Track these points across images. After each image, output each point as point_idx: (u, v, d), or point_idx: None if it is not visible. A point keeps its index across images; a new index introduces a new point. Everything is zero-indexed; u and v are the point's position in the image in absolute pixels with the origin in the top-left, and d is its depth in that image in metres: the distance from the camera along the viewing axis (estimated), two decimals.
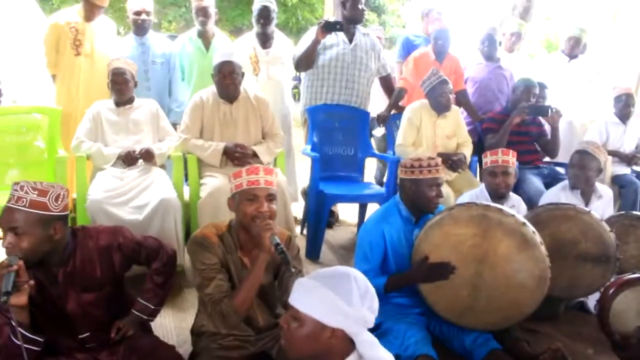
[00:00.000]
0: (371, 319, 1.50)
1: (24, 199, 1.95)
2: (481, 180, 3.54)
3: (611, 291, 2.42)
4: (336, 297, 1.45)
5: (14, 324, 1.88)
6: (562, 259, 2.89)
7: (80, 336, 2.19)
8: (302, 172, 4.68)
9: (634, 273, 2.51)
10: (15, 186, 1.97)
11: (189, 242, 2.27)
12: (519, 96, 4.35)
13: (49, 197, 1.99)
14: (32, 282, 1.93)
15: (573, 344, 2.88)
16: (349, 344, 1.49)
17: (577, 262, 2.95)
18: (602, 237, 2.92)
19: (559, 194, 3.52)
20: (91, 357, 2.22)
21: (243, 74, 3.73)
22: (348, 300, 1.45)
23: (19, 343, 1.87)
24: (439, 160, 2.78)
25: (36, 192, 1.97)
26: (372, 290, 1.52)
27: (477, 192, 3.36)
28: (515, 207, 3.28)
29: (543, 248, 2.51)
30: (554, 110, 4.26)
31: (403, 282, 2.68)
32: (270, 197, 2.19)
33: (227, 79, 3.61)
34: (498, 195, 3.26)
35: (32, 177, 3.43)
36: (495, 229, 2.52)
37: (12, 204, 1.96)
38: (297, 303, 1.48)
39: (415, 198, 2.73)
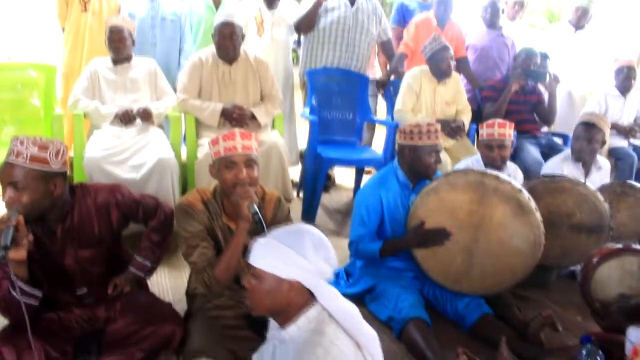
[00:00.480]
0: (328, 270, 1.53)
1: (25, 154, 1.94)
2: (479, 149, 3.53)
3: (594, 261, 2.43)
4: (290, 250, 1.49)
5: (12, 278, 1.89)
6: (556, 230, 2.92)
7: (78, 292, 2.22)
8: (302, 136, 4.65)
9: (620, 243, 2.53)
10: (15, 141, 1.95)
11: (176, 209, 2.27)
12: (520, 65, 4.32)
13: (50, 153, 1.98)
14: (31, 237, 1.93)
15: (563, 311, 2.93)
16: (310, 297, 1.54)
17: (572, 233, 2.97)
18: (597, 208, 2.94)
19: (561, 165, 3.52)
20: (89, 312, 2.26)
21: (244, 36, 3.68)
22: (302, 253, 1.49)
23: (17, 297, 1.88)
24: (439, 126, 2.77)
25: (37, 147, 1.96)
26: (327, 242, 1.55)
27: (474, 161, 3.34)
28: (512, 175, 3.29)
29: (538, 215, 2.53)
30: (552, 76, 4.23)
31: (398, 247, 2.70)
32: (250, 163, 2.15)
33: (226, 41, 3.56)
34: (494, 168, 3.25)
35: (28, 134, 3.40)
36: (491, 195, 2.54)
37: (13, 159, 1.94)
38: (255, 261, 1.52)
39: (414, 164, 2.74)
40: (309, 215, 4.00)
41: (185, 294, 2.47)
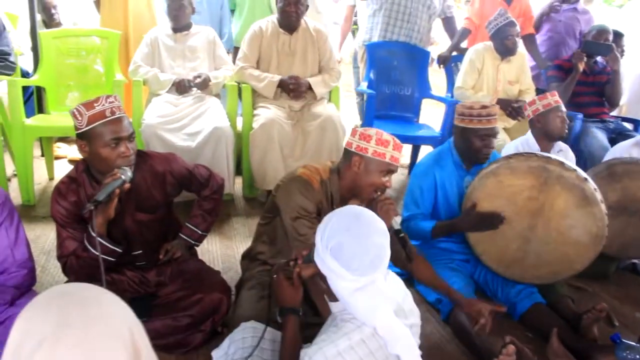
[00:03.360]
0: (336, 268, 1.38)
1: (121, 107, 2.04)
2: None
3: None
4: (319, 230, 1.44)
5: (92, 233, 1.94)
6: (627, 217, 2.78)
7: (134, 252, 2.27)
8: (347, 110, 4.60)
9: None
10: (110, 98, 2.00)
11: (291, 180, 2.19)
12: (589, 41, 4.09)
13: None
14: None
15: (620, 305, 2.82)
16: None
17: None
18: None
19: (629, 150, 3.29)
20: (140, 275, 2.31)
21: (307, 6, 3.63)
22: (321, 236, 1.42)
23: (93, 255, 1.94)
24: (496, 109, 2.64)
25: (119, 101, 2.05)
26: (346, 242, 1.38)
27: (523, 142, 3.17)
28: (563, 152, 3.15)
29: (603, 206, 2.40)
30: (617, 49, 3.95)
31: (451, 229, 2.63)
32: (390, 173, 2.12)
33: (290, 7, 3.53)
34: (556, 138, 3.12)
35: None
36: (554, 182, 2.42)
37: (121, 113, 2.02)
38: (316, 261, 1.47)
39: (465, 146, 2.65)
40: None
41: (242, 256, 2.46)
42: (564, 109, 3.07)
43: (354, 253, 1.37)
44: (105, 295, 0.92)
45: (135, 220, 2.22)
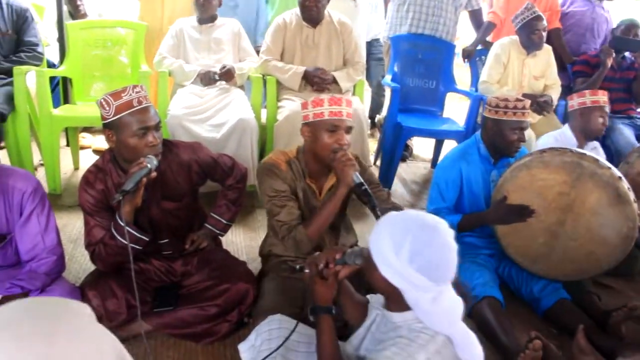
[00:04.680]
0: (421, 282, 1.33)
1: (148, 98, 2.06)
2: (566, 122, 3.33)
3: None
4: (388, 239, 1.36)
5: (120, 222, 1.97)
6: None
7: (160, 241, 2.29)
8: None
9: None
10: (136, 88, 2.02)
11: (259, 168, 2.28)
12: (619, 37, 4.04)
13: None
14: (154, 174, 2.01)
15: None
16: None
17: None
18: None
19: None
20: (167, 264, 2.34)
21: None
22: (396, 249, 1.34)
23: (125, 242, 1.96)
24: (528, 103, 2.64)
25: (145, 91, 2.06)
26: (432, 255, 1.34)
27: (559, 136, 3.16)
28: (596, 149, 3.13)
29: (636, 206, 2.37)
30: None
31: (479, 221, 2.62)
32: (349, 130, 2.14)
33: (310, 1, 3.52)
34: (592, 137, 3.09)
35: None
36: (587, 179, 2.39)
37: (148, 103, 2.04)
38: (371, 246, 1.41)
39: (496, 139, 2.64)
40: (385, 184, 3.93)
41: (259, 254, 2.51)
42: (608, 110, 3.05)
43: (438, 265, 1.34)
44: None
45: (161, 209, 2.24)
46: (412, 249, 1.33)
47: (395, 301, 1.42)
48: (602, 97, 3.07)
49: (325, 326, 1.54)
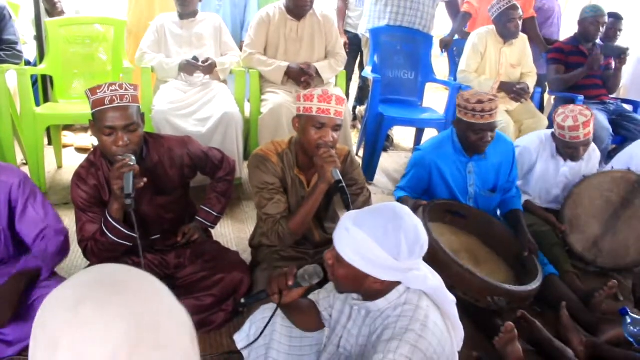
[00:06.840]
0: (415, 263, 1.40)
1: (128, 96, 2.02)
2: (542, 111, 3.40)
3: None
4: (382, 252, 1.34)
5: (112, 221, 2.03)
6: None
7: (151, 237, 2.32)
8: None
9: None
10: (113, 86, 2.01)
11: (250, 159, 2.30)
12: (587, 28, 4.15)
13: (137, 92, 2.10)
14: (145, 179, 2.01)
15: (624, 280, 2.90)
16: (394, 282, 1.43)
17: None
18: None
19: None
20: (160, 258, 2.36)
21: None
22: (395, 254, 1.35)
23: (115, 239, 2.02)
24: (494, 104, 2.58)
25: (132, 88, 2.05)
26: (421, 235, 1.38)
27: (543, 137, 3.09)
28: (595, 151, 3.20)
29: None
30: (628, 53, 4.08)
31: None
32: (336, 128, 2.15)
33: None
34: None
35: None
36: None
37: (122, 102, 2.00)
38: (343, 252, 1.38)
39: (465, 138, 2.67)
40: (368, 175, 4.00)
41: (249, 245, 2.54)
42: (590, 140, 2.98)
43: (418, 239, 1.38)
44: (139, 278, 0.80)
45: (153, 204, 2.26)
46: (408, 242, 1.36)
47: (369, 295, 1.45)
48: (584, 130, 2.88)
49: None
